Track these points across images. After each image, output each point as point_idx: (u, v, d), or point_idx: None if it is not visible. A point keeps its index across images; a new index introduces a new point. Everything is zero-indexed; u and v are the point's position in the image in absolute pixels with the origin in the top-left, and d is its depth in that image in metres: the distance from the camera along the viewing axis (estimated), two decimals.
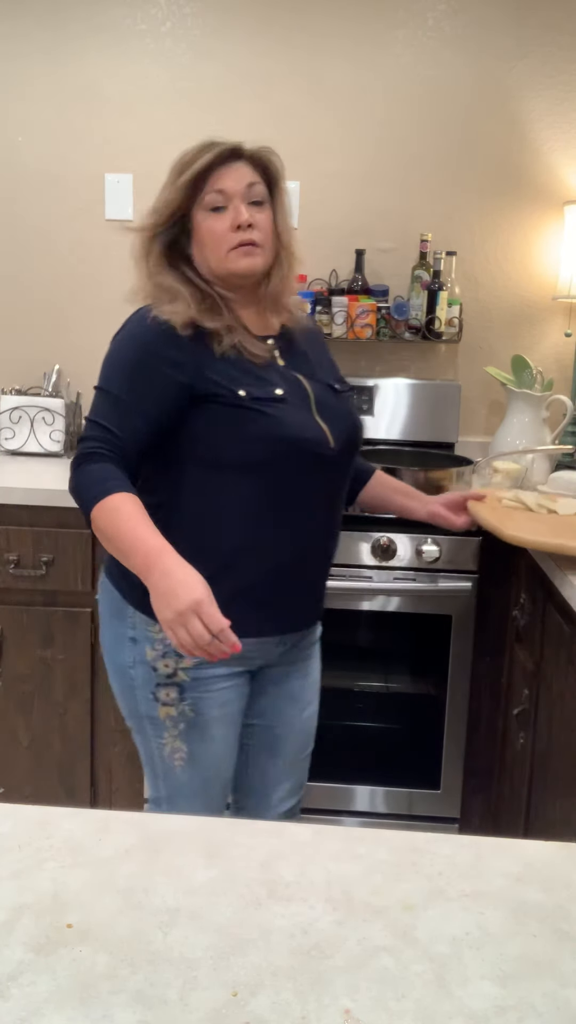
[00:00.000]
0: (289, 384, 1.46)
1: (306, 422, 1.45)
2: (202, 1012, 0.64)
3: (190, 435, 1.41)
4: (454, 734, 2.24)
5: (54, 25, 2.60)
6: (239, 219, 1.41)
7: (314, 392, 1.49)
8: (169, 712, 1.48)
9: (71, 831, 0.86)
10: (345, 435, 1.50)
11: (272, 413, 1.40)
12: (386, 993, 0.67)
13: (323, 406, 1.49)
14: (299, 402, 1.46)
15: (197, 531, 1.43)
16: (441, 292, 2.54)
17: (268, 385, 1.43)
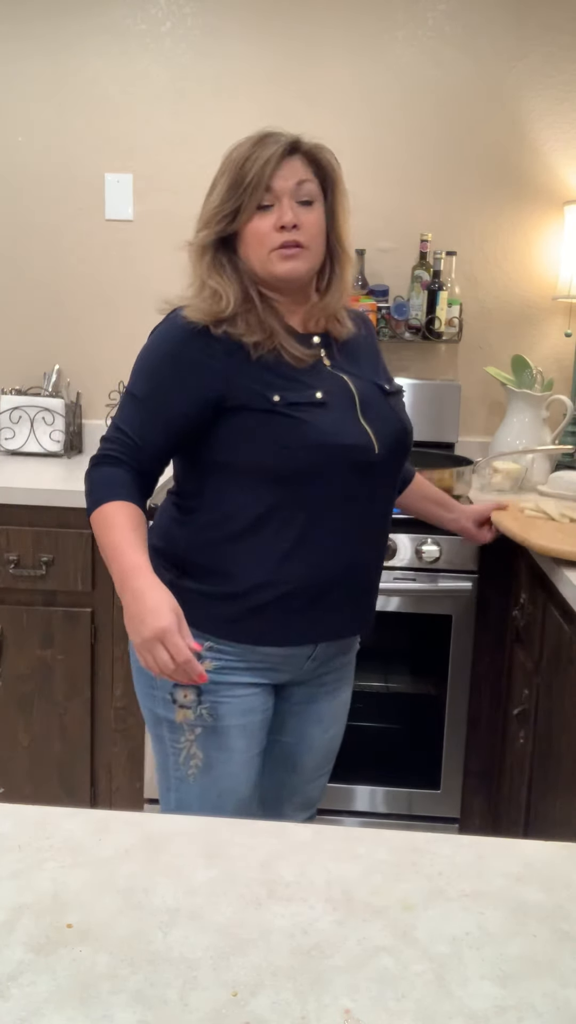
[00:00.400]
0: (332, 386, 1.40)
1: (348, 427, 1.38)
2: (202, 1012, 0.64)
3: (222, 443, 1.36)
4: (454, 734, 2.24)
5: (54, 25, 2.60)
6: (283, 219, 1.34)
7: (360, 393, 1.42)
8: (187, 715, 1.43)
9: (71, 831, 0.86)
10: (392, 439, 1.43)
11: (308, 419, 1.34)
12: (386, 993, 0.67)
13: (369, 408, 1.42)
14: (342, 405, 1.39)
15: (231, 540, 1.39)
16: (441, 292, 2.54)
17: (306, 389, 1.36)
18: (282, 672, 1.47)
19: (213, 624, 1.40)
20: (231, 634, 1.41)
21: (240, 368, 1.34)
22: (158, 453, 1.39)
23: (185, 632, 1.25)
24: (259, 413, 1.33)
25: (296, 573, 1.38)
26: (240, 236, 1.38)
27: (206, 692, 1.42)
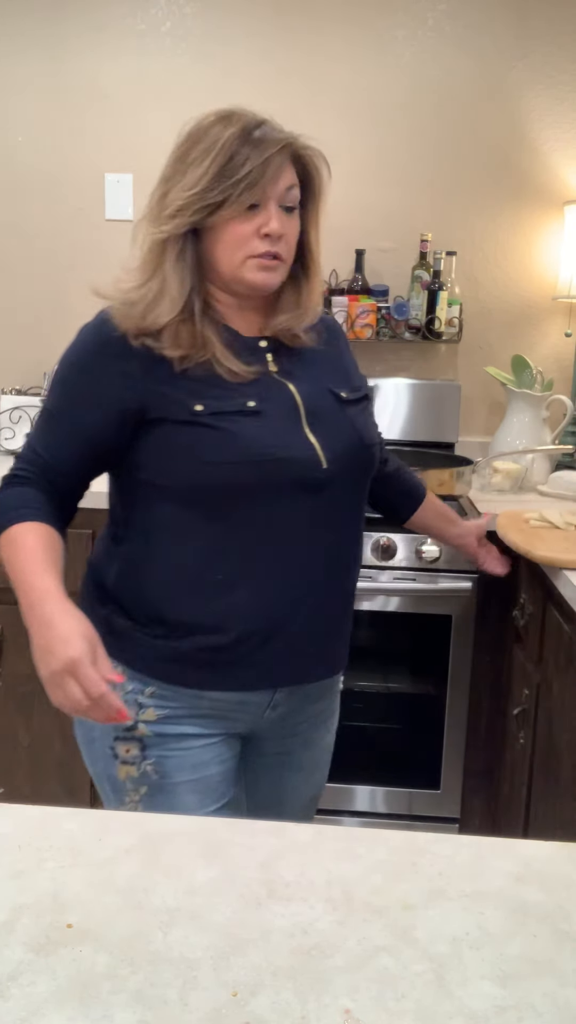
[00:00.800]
0: (271, 393, 1.23)
1: (287, 438, 1.20)
2: (202, 1012, 0.64)
3: (145, 461, 1.21)
4: (454, 734, 2.24)
5: (54, 25, 2.60)
6: (270, 227, 1.18)
7: (307, 402, 1.24)
8: (129, 772, 1.26)
9: (71, 831, 0.86)
10: (345, 452, 1.25)
11: (235, 429, 1.17)
12: (386, 993, 0.67)
13: (318, 418, 1.24)
14: (282, 414, 1.22)
15: (161, 572, 1.23)
16: (441, 292, 2.54)
17: (237, 397, 1.19)
18: (238, 721, 1.29)
19: (152, 667, 1.24)
20: (171, 678, 1.24)
21: (161, 377, 1.19)
22: (73, 472, 1.24)
23: (102, 662, 1.08)
24: (180, 425, 1.17)
25: (236, 611, 1.21)
26: (213, 231, 1.20)
27: (150, 746, 1.25)
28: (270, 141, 1.18)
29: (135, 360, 1.19)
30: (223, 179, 1.16)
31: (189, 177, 1.18)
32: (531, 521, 2.00)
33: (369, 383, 2.57)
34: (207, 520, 1.20)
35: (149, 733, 1.24)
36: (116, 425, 1.20)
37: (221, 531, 1.20)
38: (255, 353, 1.25)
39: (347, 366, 1.39)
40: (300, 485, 1.21)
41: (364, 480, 1.33)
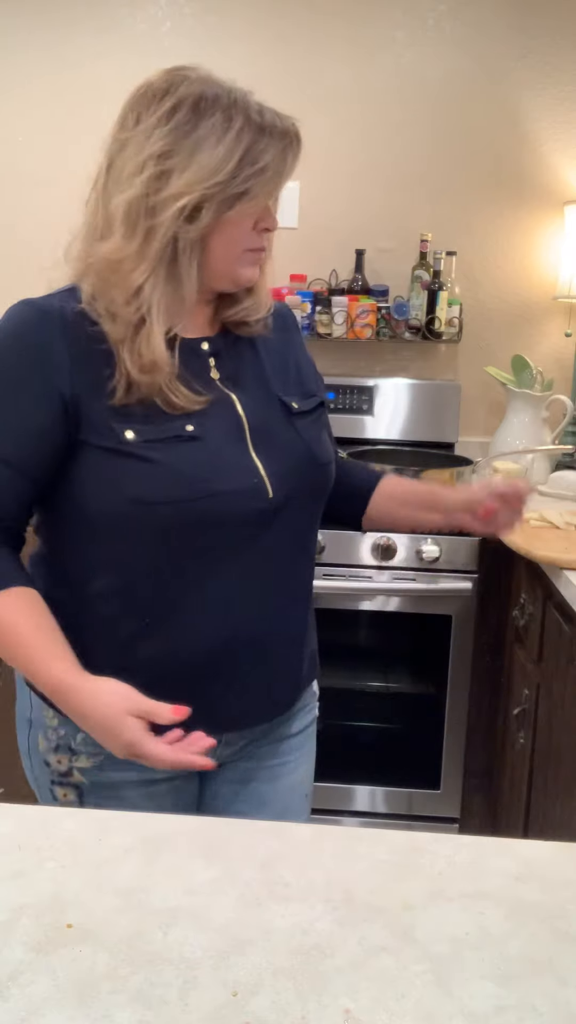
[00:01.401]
0: (213, 410, 1.08)
1: (230, 466, 1.07)
2: (202, 1012, 0.64)
3: (68, 485, 1.06)
4: (454, 734, 2.24)
5: (54, 25, 2.60)
6: (271, 222, 1.09)
7: (252, 417, 1.10)
8: None
9: (71, 831, 0.86)
10: (295, 475, 1.11)
11: (170, 461, 1.02)
12: (386, 993, 0.67)
13: (265, 436, 1.10)
14: (224, 435, 1.08)
15: (81, 610, 1.09)
16: (441, 292, 2.54)
17: (173, 420, 1.04)
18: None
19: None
20: None
21: (96, 387, 1.03)
22: (18, 493, 1.06)
23: (156, 711, 0.95)
24: (108, 454, 1.03)
25: (162, 657, 1.09)
26: (214, 225, 1.05)
27: (87, 793, 1.14)
28: (281, 127, 1.06)
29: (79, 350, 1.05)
30: (248, 165, 1.02)
31: (204, 159, 1.01)
32: (531, 521, 2.00)
33: (369, 383, 2.60)
34: (133, 557, 1.06)
35: (84, 781, 1.14)
36: (59, 423, 1.04)
37: (147, 569, 1.07)
38: (196, 357, 1.11)
39: (300, 365, 1.23)
40: (241, 520, 1.07)
41: (316, 505, 1.17)
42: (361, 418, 2.61)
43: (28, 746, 1.19)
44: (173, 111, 1.04)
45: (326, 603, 2.19)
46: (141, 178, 1.03)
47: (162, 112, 1.04)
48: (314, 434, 1.16)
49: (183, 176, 1.01)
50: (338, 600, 2.19)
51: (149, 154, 1.03)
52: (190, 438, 1.05)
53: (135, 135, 1.05)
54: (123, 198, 1.06)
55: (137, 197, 1.04)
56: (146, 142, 1.03)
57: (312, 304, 2.56)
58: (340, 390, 2.60)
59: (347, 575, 2.16)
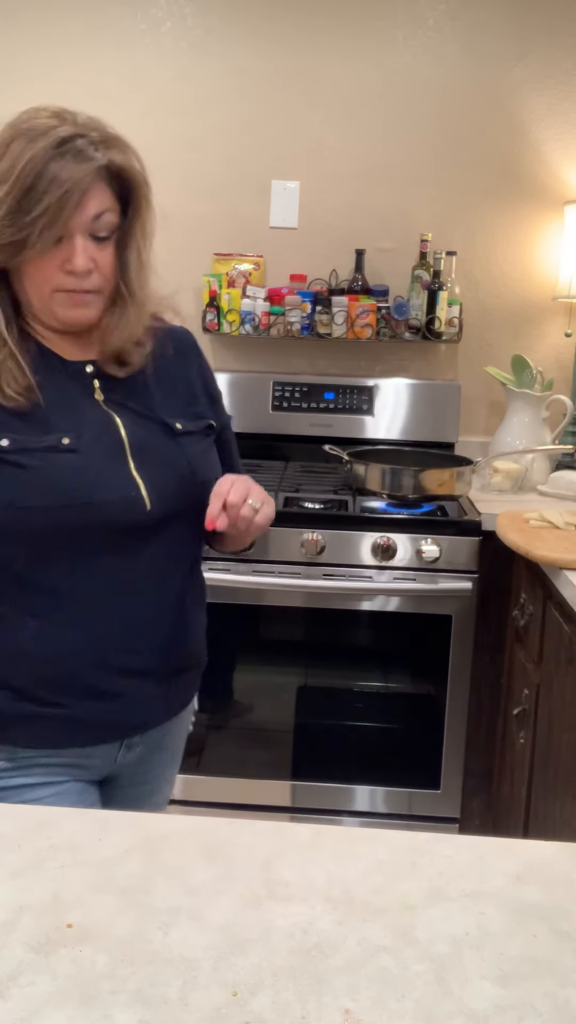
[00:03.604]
0: (93, 428, 1.12)
1: (106, 477, 1.10)
2: (202, 1012, 0.64)
3: None
4: (454, 734, 2.24)
5: (54, 25, 2.60)
6: (75, 265, 1.06)
7: (133, 435, 1.14)
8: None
9: (71, 831, 0.86)
10: (175, 490, 1.15)
11: (45, 467, 1.07)
12: (386, 993, 0.67)
13: (145, 454, 1.14)
14: (102, 450, 1.11)
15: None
16: (441, 292, 2.54)
17: (51, 431, 1.09)
18: (89, 770, 1.19)
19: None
20: (8, 733, 1.14)
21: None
22: None
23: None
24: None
25: (46, 653, 1.12)
26: (16, 266, 1.09)
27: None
28: (74, 158, 1.04)
29: None
30: (20, 214, 1.02)
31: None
32: (531, 521, 2.00)
33: (369, 383, 2.60)
34: (7, 560, 1.09)
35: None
36: None
37: (21, 577, 1.10)
38: (80, 379, 1.15)
39: (193, 389, 1.25)
40: (120, 530, 1.11)
41: (198, 520, 1.16)
42: (361, 418, 2.61)
43: None
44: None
45: (326, 603, 2.19)
46: None
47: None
48: (197, 452, 1.20)
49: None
50: (338, 600, 2.19)
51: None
52: (67, 450, 1.08)
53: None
54: None
55: None
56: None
57: (312, 304, 2.56)
58: (340, 390, 2.60)
59: (347, 575, 2.16)
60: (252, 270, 2.66)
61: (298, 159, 2.64)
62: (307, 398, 2.60)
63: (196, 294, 2.67)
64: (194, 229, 2.67)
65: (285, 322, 2.55)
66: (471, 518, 2.17)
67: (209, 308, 2.60)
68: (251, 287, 2.61)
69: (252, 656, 2.32)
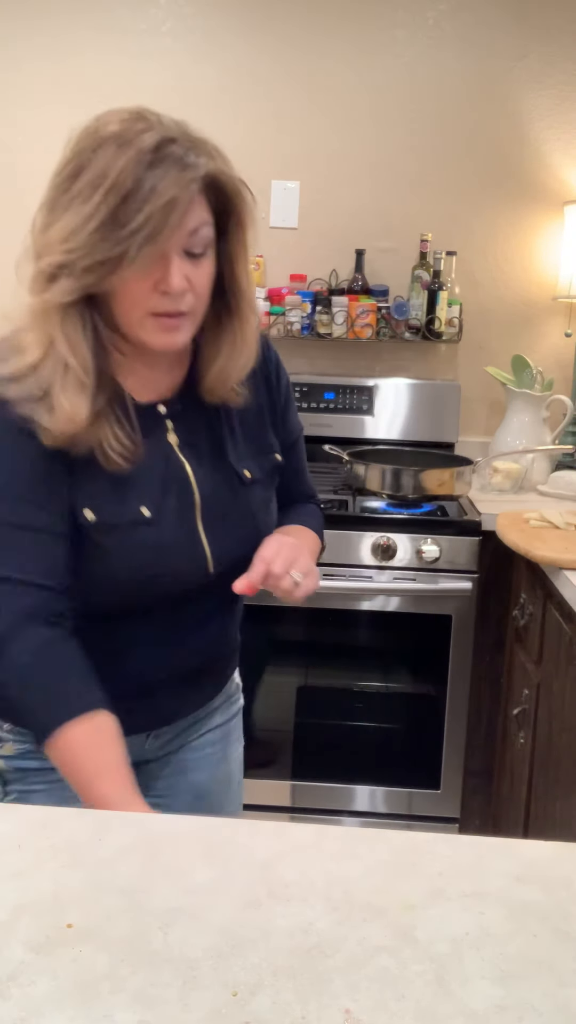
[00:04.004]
0: (168, 485, 1.07)
1: (179, 547, 1.08)
2: (202, 1012, 0.64)
3: None
4: (454, 734, 2.24)
5: (54, 25, 2.60)
6: (170, 284, 0.97)
7: (204, 491, 1.10)
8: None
9: (71, 831, 0.86)
10: (237, 549, 1.11)
11: (123, 546, 1.04)
12: (386, 993, 0.67)
13: (214, 512, 1.10)
14: (177, 515, 1.07)
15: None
16: (441, 292, 2.54)
17: (131, 499, 1.04)
18: None
19: (5, 712, 1.12)
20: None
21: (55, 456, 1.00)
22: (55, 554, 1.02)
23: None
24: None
25: (105, 677, 1.07)
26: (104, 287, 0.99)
27: (11, 781, 1.15)
28: (173, 176, 0.93)
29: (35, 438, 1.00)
30: (116, 227, 0.92)
31: (70, 219, 0.95)
32: (531, 521, 2.00)
33: (369, 383, 2.60)
34: (80, 605, 1.06)
35: (7, 768, 1.15)
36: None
37: (94, 617, 1.07)
38: (153, 422, 1.08)
39: (267, 414, 1.19)
40: (181, 589, 1.10)
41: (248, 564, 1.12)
42: (361, 418, 2.61)
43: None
44: (64, 160, 0.99)
45: (326, 603, 2.19)
46: (35, 229, 1.01)
47: (60, 161, 0.99)
48: (263, 503, 1.16)
49: (54, 231, 0.97)
50: (338, 600, 2.19)
51: (41, 202, 1.00)
52: (145, 522, 1.05)
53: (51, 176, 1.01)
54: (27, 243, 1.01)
55: (31, 245, 1.01)
56: (47, 188, 0.99)
57: (312, 304, 2.56)
58: (340, 390, 2.60)
59: (347, 575, 2.16)
60: (252, 270, 2.65)
61: (298, 159, 2.64)
62: (307, 398, 2.60)
63: None
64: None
65: (285, 322, 2.56)
66: (471, 518, 2.17)
67: None
68: None
69: (252, 656, 2.32)
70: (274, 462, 1.20)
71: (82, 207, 0.93)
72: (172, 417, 1.10)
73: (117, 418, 1.03)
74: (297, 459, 1.29)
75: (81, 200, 0.94)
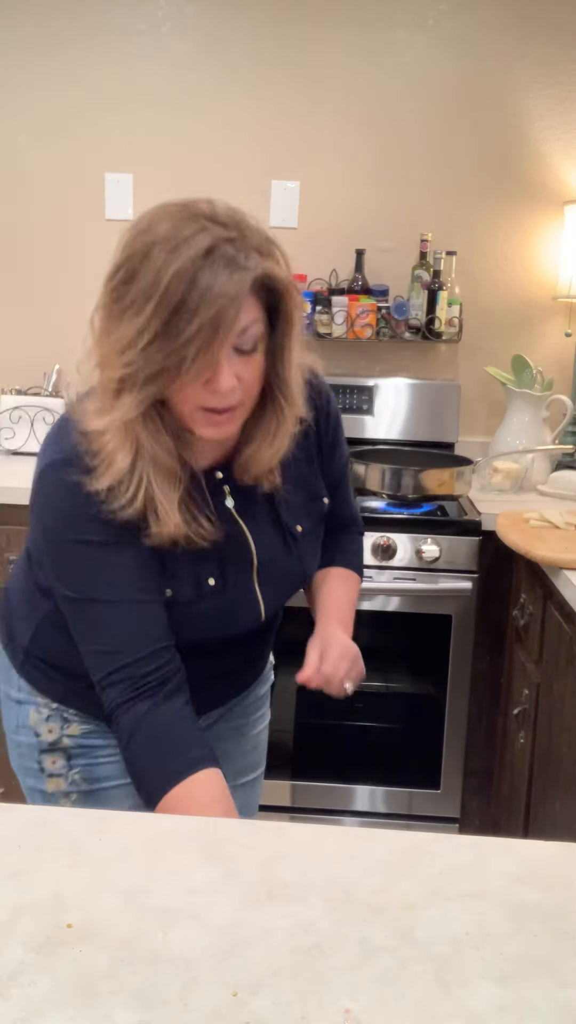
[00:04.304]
0: (229, 551, 1.13)
1: (241, 604, 1.16)
2: (202, 1012, 0.64)
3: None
4: (454, 734, 2.24)
5: (54, 25, 2.60)
6: (219, 385, 0.98)
7: (259, 551, 1.16)
8: (58, 784, 1.24)
9: (71, 831, 0.86)
10: (285, 595, 1.23)
11: (193, 614, 1.11)
12: (386, 993, 0.67)
13: (268, 568, 1.17)
14: (237, 577, 1.14)
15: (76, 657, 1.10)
16: (441, 292, 2.54)
17: (202, 572, 1.10)
18: None
19: (72, 702, 1.23)
20: (95, 714, 1.21)
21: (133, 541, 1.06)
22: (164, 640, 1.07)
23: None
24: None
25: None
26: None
27: (76, 756, 1.24)
28: (223, 281, 0.92)
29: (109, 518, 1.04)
30: (170, 338, 0.93)
31: (125, 330, 0.95)
32: (531, 521, 2.00)
33: (369, 383, 2.60)
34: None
35: (74, 745, 1.24)
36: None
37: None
38: (212, 487, 1.13)
39: (312, 466, 1.23)
40: (235, 637, 1.19)
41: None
42: (361, 418, 2.61)
43: (17, 722, 1.26)
44: (116, 263, 0.97)
45: None
46: (94, 332, 1.01)
47: (112, 265, 0.98)
48: (311, 553, 1.24)
49: (108, 344, 0.98)
50: None
51: (97, 305, 1.00)
52: (210, 592, 1.11)
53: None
54: (88, 348, 1.02)
55: (94, 345, 1.01)
56: (102, 290, 0.99)
57: (312, 304, 2.56)
58: (340, 390, 2.60)
59: None
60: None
61: (298, 159, 2.64)
62: None
63: None
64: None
65: None
66: (471, 518, 2.17)
67: None
68: None
69: None
70: (322, 508, 1.25)
71: (135, 319, 0.94)
72: (228, 482, 1.14)
73: (196, 501, 1.07)
74: (344, 492, 1.35)
75: (134, 312, 0.94)
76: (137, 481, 1.01)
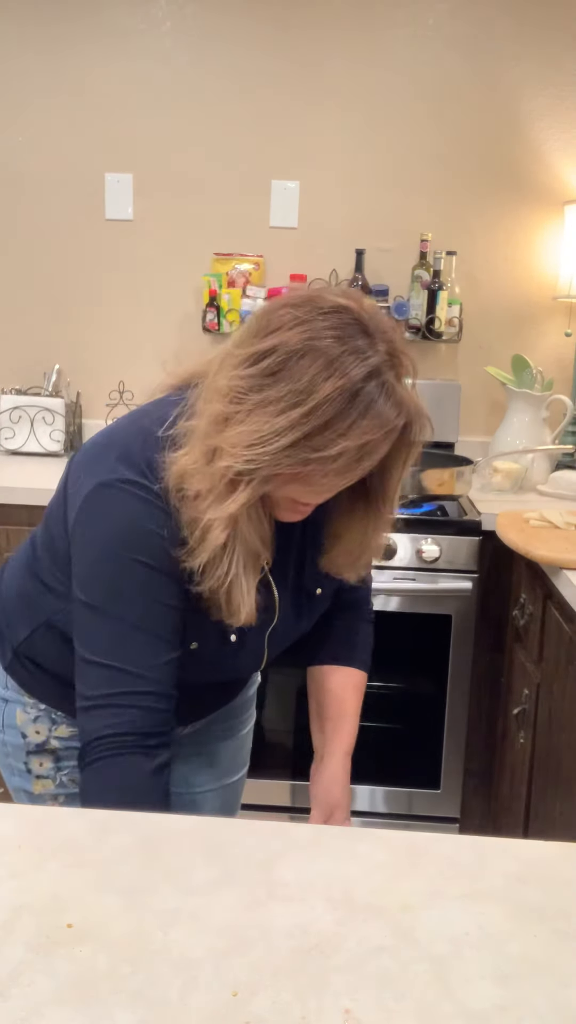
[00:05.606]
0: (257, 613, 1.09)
1: (250, 656, 1.16)
2: (202, 1012, 0.64)
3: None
4: (454, 734, 2.24)
5: (54, 25, 2.60)
6: (313, 500, 1.01)
7: (282, 614, 1.15)
8: (46, 786, 1.23)
9: (71, 831, 0.86)
10: (284, 649, 1.22)
11: (211, 661, 1.12)
12: (386, 993, 0.67)
13: (281, 630, 1.17)
14: (257, 635, 1.13)
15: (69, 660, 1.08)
16: (441, 292, 2.54)
17: (227, 628, 1.07)
18: None
19: (67, 703, 1.16)
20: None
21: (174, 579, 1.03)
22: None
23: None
24: None
25: None
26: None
27: (64, 758, 1.22)
28: (375, 416, 0.89)
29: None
30: (306, 450, 0.89)
31: (259, 425, 0.89)
32: (531, 521, 2.00)
33: None
34: None
35: (62, 747, 1.22)
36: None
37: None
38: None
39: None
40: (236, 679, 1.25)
41: None
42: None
43: (3, 721, 1.24)
44: (261, 354, 0.90)
45: None
46: (209, 410, 0.93)
47: (253, 345, 0.91)
48: (323, 608, 1.23)
49: (240, 428, 0.90)
50: None
51: (224, 381, 0.92)
52: (230, 645, 1.11)
53: (232, 352, 0.94)
54: (199, 421, 0.95)
55: (204, 429, 0.94)
56: (232, 370, 0.92)
57: None
58: None
59: None
60: (252, 270, 2.66)
61: (298, 159, 2.64)
62: None
63: (196, 294, 2.67)
64: (194, 229, 2.68)
65: None
66: (471, 518, 2.17)
67: (209, 308, 2.60)
68: (251, 287, 2.62)
69: None
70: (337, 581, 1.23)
71: (275, 419, 0.88)
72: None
73: (248, 589, 1.02)
74: None
75: (275, 411, 0.89)
76: (228, 562, 0.97)
